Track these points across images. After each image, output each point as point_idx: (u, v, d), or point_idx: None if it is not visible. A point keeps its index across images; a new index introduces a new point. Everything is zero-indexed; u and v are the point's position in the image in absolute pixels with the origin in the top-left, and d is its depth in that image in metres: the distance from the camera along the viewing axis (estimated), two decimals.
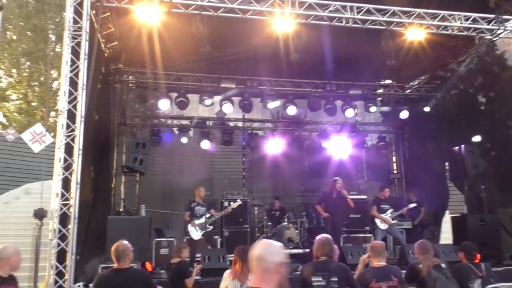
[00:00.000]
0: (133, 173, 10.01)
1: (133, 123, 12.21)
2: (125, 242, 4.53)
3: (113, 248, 4.46)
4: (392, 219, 9.00)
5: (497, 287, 4.93)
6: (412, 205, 9.71)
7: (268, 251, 2.37)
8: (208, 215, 8.68)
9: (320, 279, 4.29)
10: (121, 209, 9.70)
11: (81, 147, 6.49)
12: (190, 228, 8.65)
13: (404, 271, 5.08)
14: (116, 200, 10.76)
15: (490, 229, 8.72)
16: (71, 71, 6.66)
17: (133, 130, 12.31)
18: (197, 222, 8.60)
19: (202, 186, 9.15)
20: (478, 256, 5.66)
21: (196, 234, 8.59)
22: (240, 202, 9.32)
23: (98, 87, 8.45)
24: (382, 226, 8.95)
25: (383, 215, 8.97)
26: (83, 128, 6.58)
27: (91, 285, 5.24)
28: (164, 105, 10.90)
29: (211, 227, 8.76)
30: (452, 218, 10.04)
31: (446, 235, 11.06)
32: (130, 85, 11.60)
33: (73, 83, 6.64)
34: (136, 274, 4.50)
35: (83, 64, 6.69)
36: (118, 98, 11.20)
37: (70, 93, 6.60)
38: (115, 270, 4.43)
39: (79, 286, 6.08)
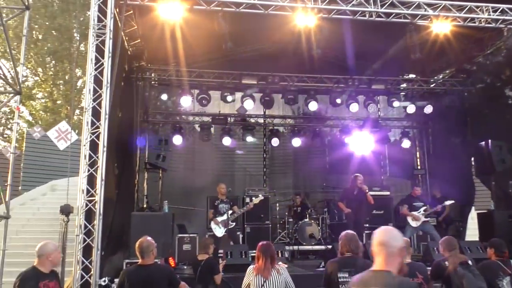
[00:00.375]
0: (156, 170, 10.10)
1: (155, 120, 12.32)
2: (149, 238, 4.57)
3: (137, 244, 4.51)
4: (425, 217, 8.88)
5: None
6: (448, 202, 9.50)
7: (391, 236, 2.59)
8: (230, 212, 8.72)
9: (346, 275, 4.26)
10: (145, 205, 9.80)
11: (105, 144, 6.56)
12: (213, 225, 8.71)
13: (429, 268, 5.01)
14: (139, 197, 10.89)
15: None
16: (95, 69, 6.74)
17: (155, 127, 12.43)
18: (219, 219, 8.66)
19: (222, 182, 9.18)
20: (507, 253, 5.54)
21: (219, 231, 8.64)
22: (262, 197, 9.33)
23: (122, 84, 8.55)
24: (414, 223, 8.86)
25: (415, 213, 8.87)
26: (107, 125, 6.67)
27: (116, 280, 5.31)
28: (186, 101, 10.97)
29: (234, 224, 8.80)
30: (479, 214, 9.82)
31: (472, 232, 10.84)
32: (153, 82, 11.71)
33: (98, 81, 6.72)
34: (160, 269, 4.55)
35: (107, 62, 6.76)
36: (141, 95, 11.34)
37: (95, 91, 6.69)
38: (139, 266, 4.47)
39: (104, 281, 6.17)
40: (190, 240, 9.22)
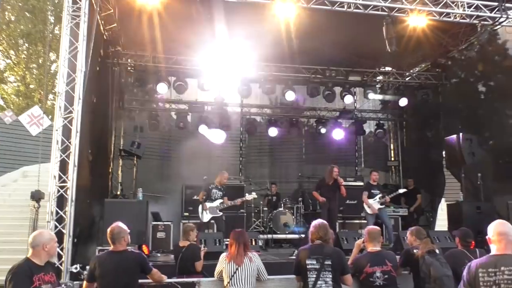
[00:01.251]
0: (131, 157, 10.00)
1: (132, 107, 12.16)
2: (121, 224, 4.53)
3: (108, 230, 4.47)
4: (381, 204, 9.07)
5: None
6: (401, 191, 9.80)
7: (510, 228, 3.25)
8: (220, 201, 8.70)
9: (314, 262, 4.35)
10: (118, 193, 9.70)
11: (78, 129, 6.48)
12: (200, 209, 8.68)
13: (399, 256, 5.14)
14: (113, 184, 10.79)
15: (485, 217, 8.72)
16: (69, 53, 6.63)
17: (131, 114, 12.27)
18: (209, 205, 8.62)
19: (227, 172, 9.18)
20: (473, 243, 5.72)
21: (205, 217, 8.63)
22: (255, 196, 9.40)
23: (97, 69, 8.40)
24: (369, 210, 9.04)
25: (371, 200, 9.05)
26: (81, 110, 6.56)
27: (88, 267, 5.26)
28: (162, 88, 10.85)
29: (221, 213, 8.79)
30: (448, 205, 10.09)
31: (442, 222, 11.14)
32: (129, 68, 11.53)
33: (72, 65, 6.62)
34: (132, 256, 4.50)
35: (81, 46, 6.65)
36: (117, 81, 11.15)
37: (68, 75, 6.59)
38: (110, 252, 4.44)
39: (76, 268, 6.11)
40: (165, 228, 9.19)
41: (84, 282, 4.53)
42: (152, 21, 8.25)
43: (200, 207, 8.71)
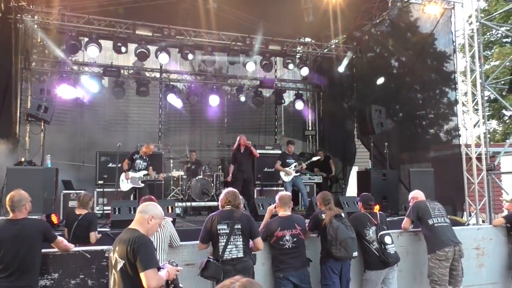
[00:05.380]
0: (38, 122, 9.33)
1: (42, 69, 11.33)
2: (22, 191, 4.23)
3: (7, 197, 4.16)
4: (296, 172, 9.42)
5: (389, 233, 5.39)
6: (315, 158, 10.26)
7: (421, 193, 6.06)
8: (145, 172, 8.48)
9: (225, 227, 4.42)
10: (23, 159, 9.05)
11: None
12: (122, 177, 8.47)
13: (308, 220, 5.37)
14: (20, 150, 10.07)
15: (390, 183, 9.42)
16: None
17: (42, 77, 11.42)
18: (131, 175, 8.41)
19: (153, 144, 8.96)
20: (377, 206, 6.14)
21: (125, 185, 8.40)
22: (182, 173, 9.28)
23: None
24: (286, 178, 9.39)
25: (287, 168, 9.36)
26: None
27: None
28: (73, 49, 10.17)
29: (143, 185, 8.59)
30: (358, 172, 10.71)
31: (353, 189, 11.80)
32: (36, 26, 10.60)
33: None
34: (33, 224, 4.23)
35: None
36: (22, 40, 10.26)
37: None
38: (9, 220, 4.13)
39: None
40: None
41: None
42: None
43: (123, 175, 8.47)
